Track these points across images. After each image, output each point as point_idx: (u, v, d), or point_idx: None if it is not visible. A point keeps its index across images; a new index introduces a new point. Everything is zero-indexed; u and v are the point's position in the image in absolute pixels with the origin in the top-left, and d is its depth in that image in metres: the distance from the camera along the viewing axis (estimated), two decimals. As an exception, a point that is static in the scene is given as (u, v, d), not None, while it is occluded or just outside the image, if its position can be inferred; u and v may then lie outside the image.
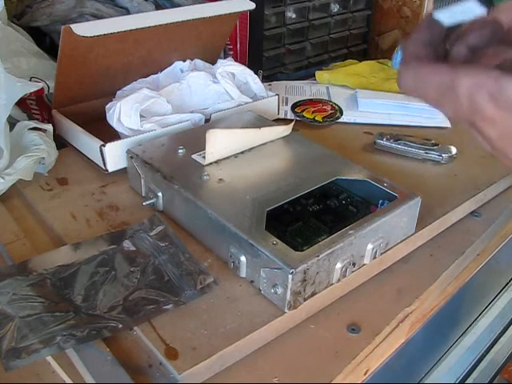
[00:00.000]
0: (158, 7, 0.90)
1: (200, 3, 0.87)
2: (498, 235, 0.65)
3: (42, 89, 0.73)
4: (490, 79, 0.25)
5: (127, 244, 0.54)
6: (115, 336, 0.45)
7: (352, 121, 0.87)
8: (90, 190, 0.65)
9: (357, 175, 0.59)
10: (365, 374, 0.47)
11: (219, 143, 0.60)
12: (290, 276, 0.44)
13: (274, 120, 0.78)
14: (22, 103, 0.73)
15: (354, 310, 0.50)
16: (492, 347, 0.87)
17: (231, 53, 0.99)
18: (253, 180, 0.58)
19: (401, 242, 0.56)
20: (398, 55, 0.36)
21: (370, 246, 0.51)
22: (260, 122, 0.70)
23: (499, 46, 0.30)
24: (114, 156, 0.66)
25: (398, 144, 0.75)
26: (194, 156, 0.62)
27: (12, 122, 0.66)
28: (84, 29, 0.65)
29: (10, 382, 0.41)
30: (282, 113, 0.87)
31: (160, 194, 0.59)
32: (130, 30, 0.68)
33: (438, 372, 0.73)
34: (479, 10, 0.30)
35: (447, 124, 0.85)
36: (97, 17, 0.87)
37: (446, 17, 0.31)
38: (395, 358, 0.51)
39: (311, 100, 0.93)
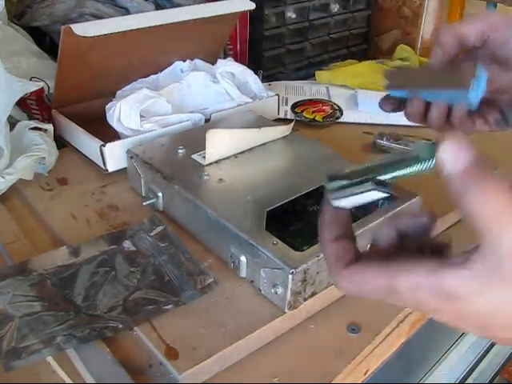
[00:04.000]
0: (158, 7, 0.90)
1: (200, 3, 0.87)
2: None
3: (42, 89, 0.73)
4: (428, 278, 0.25)
5: (127, 244, 0.54)
6: (115, 336, 0.45)
7: (352, 121, 0.87)
8: (89, 190, 0.65)
9: (357, 175, 0.59)
10: (365, 374, 0.47)
11: (219, 143, 0.60)
12: (290, 276, 0.44)
13: (274, 120, 0.78)
14: (22, 103, 0.73)
15: (354, 310, 0.50)
16: (492, 347, 0.87)
17: (231, 53, 0.99)
18: (253, 180, 0.58)
19: (401, 242, 0.56)
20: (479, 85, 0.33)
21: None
22: (260, 122, 0.70)
23: (424, 239, 0.31)
24: (114, 156, 0.66)
25: (398, 144, 0.75)
26: (194, 156, 0.61)
27: (12, 122, 0.66)
28: (84, 29, 0.65)
29: (10, 382, 0.41)
30: (281, 113, 0.87)
31: (160, 194, 0.59)
32: (130, 30, 0.68)
33: (438, 372, 0.73)
34: (379, 195, 0.29)
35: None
36: (97, 17, 0.87)
37: (346, 203, 0.31)
38: (395, 358, 0.51)
39: (311, 100, 0.93)
